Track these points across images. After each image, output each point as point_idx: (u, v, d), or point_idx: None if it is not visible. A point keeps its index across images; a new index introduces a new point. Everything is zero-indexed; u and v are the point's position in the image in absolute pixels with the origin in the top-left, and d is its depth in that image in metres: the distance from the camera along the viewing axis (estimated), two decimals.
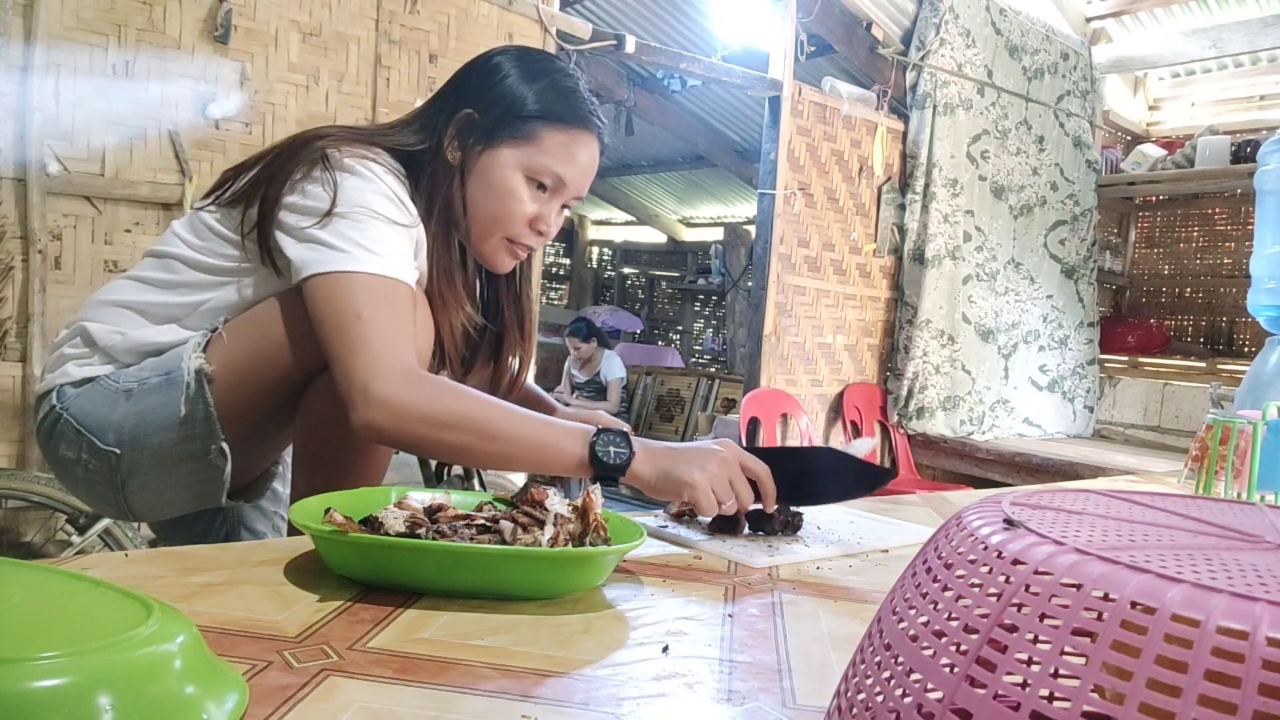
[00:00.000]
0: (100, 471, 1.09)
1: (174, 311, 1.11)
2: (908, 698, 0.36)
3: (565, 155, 1.12)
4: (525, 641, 0.65)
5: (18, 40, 2.16)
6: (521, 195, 1.11)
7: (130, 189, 2.32)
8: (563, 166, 1.12)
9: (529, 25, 3.06)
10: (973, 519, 0.40)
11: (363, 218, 1.01)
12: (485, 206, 1.12)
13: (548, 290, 9.45)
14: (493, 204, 1.12)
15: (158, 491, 1.11)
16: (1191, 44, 4.38)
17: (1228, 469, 1.53)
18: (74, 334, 1.13)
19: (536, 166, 1.11)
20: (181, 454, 1.07)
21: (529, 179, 1.12)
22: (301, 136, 1.08)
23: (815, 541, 1.04)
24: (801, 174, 3.95)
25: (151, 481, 1.09)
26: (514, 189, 1.11)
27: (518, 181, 1.11)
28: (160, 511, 1.17)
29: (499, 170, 1.11)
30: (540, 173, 1.11)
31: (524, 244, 1.16)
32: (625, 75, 5.78)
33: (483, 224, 1.14)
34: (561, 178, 1.12)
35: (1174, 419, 4.46)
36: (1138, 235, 5.30)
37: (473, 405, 0.95)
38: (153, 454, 1.07)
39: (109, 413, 1.07)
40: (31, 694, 0.39)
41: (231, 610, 0.66)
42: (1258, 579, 0.33)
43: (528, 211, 1.12)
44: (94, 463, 1.09)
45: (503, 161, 1.11)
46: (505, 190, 1.11)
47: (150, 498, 1.12)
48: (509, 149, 1.11)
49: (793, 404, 3.98)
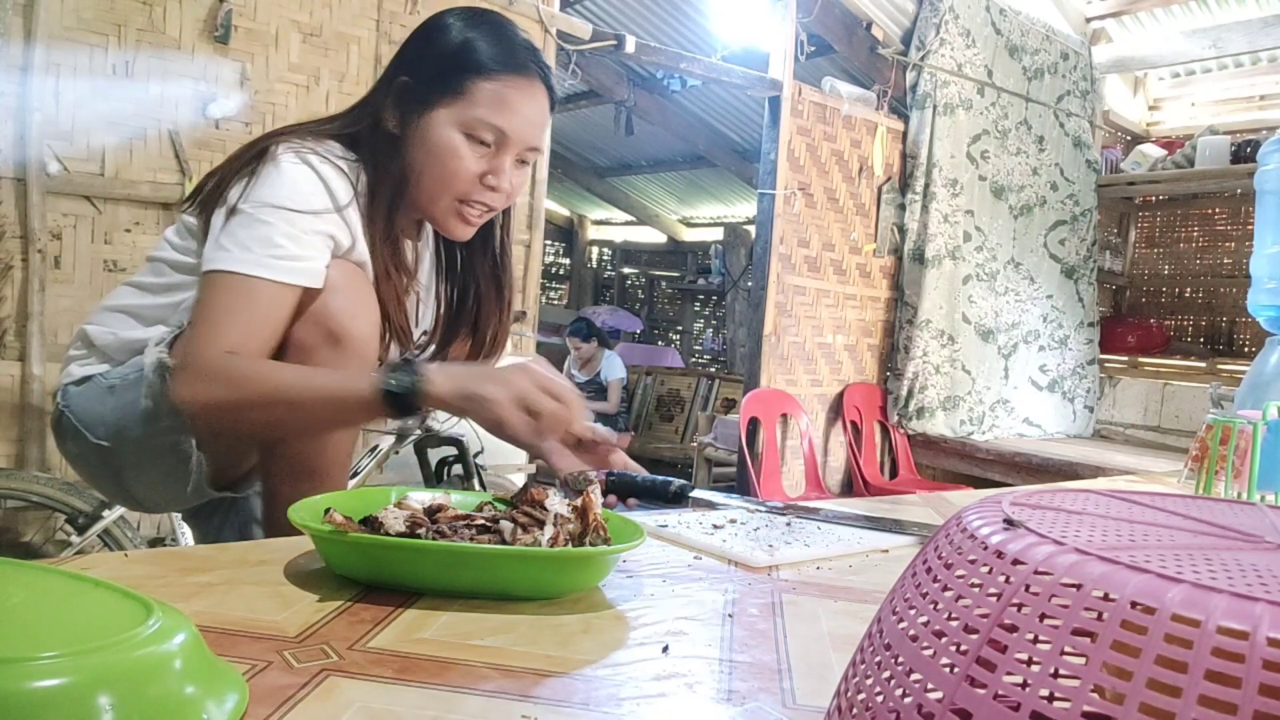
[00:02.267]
0: (99, 464, 1.15)
1: (161, 312, 1.14)
2: (908, 698, 0.36)
3: (500, 105, 1.08)
4: (525, 641, 0.65)
5: (18, 40, 2.16)
6: (462, 153, 1.08)
7: (130, 189, 2.32)
8: (499, 117, 1.08)
9: (529, 25, 3.06)
10: (973, 519, 0.40)
11: (259, 215, 1.02)
12: (428, 171, 1.10)
13: (547, 290, 9.45)
14: (434, 167, 1.09)
15: (150, 483, 1.15)
16: (1191, 44, 4.38)
17: (1228, 469, 1.53)
18: (77, 337, 1.20)
19: (471, 121, 1.08)
20: (158, 446, 1.10)
21: (468, 136, 1.08)
22: (263, 136, 1.11)
23: (815, 541, 1.04)
24: (801, 174, 3.95)
25: (142, 473, 1.13)
26: (453, 147, 1.08)
27: (456, 140, 1.08)
28: (164, 502, 1.20)
29: (435, 131, 1.08)
30: (476, 127, 1.08)
31: (478, 203, 1.12)
32: (625, 75, 5.77)
33: (428, 189, 1.11)
34: (501, 129, 1.08)
35: (1174, 419, 4.46)
36: (1138, 235, 5.30)
37: (269, 381, 0.97)
38: (135, 446, 1.11)
39: (99, 408, 1.12)
40: (31, 694, 0.39)
41: (231, 610, 0.66)
42: (1258, 579, 0.33)
43: (471, 169, 1.09)
44: (93, 456, 1.14)
45: (438, 122, 1.08)
46: (445, 150, 1.08)
47: (147, 488, 1.16)
48: (443, 108, 1.08)
49: (793, 404, 3.98)
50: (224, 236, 1.02)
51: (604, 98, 5.93)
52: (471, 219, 1.14)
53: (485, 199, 1.12)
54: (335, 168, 1.08)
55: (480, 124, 1.08)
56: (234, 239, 1.01)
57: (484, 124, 1.08)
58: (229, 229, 1.02)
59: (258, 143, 1.09)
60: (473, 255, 1.28)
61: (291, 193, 1.03)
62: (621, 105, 5.89)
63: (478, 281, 1.28)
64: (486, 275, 1.28)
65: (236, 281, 1.00)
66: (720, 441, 5.03)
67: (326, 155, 1.08)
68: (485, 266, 1.28)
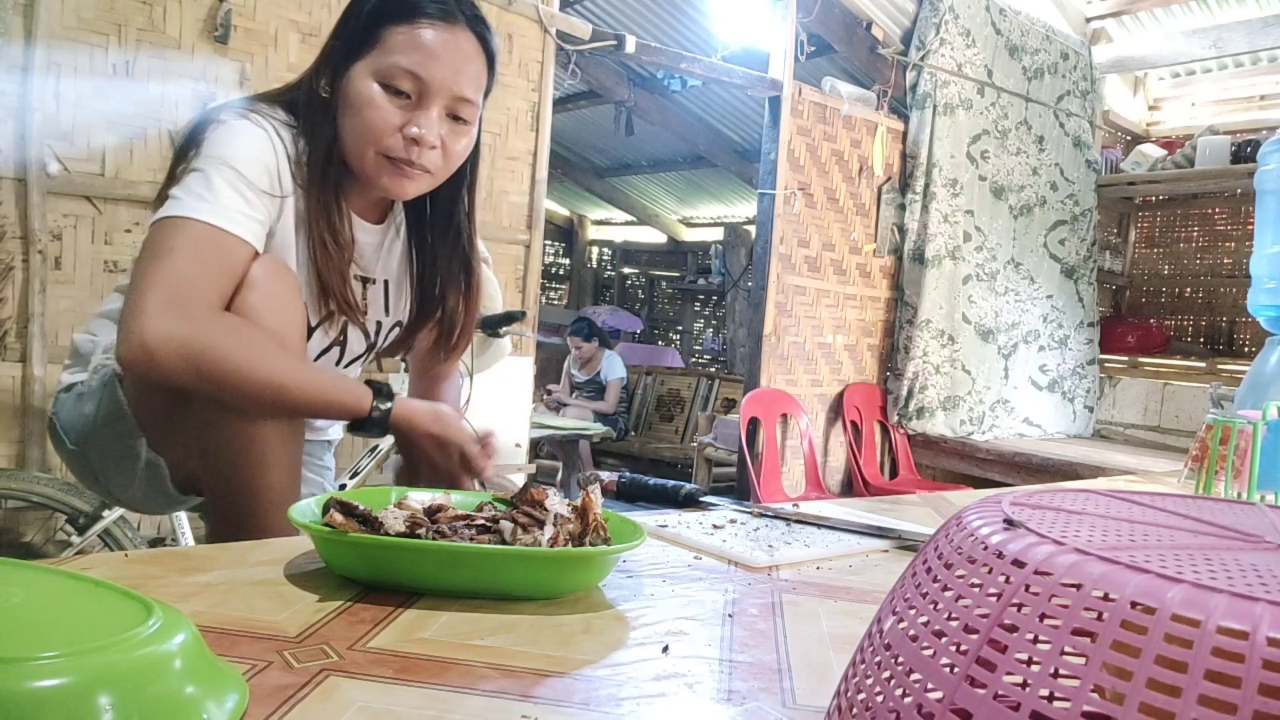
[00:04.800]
0: (80, 469, 1.17)
1: None
2: (908, 698, 0.36)
3: (413, 49, 1.02)
4: (525, 641, 0.65)
5: (18, 40, 2.16)
6: (378, 103, 1.03)
7: (130, 189, 2.32)
8: (414, 62, 1.02)
9: (528, 25, 3.06)
10: (973, 519, 0.40)
11: (210, 168, 0.99)
12: (349, 128, 1.06)
13: (547, 290, 9.45)
14: (354, 121, 1.05)
15: (122, 486, 1.14)
16: (1191, 44, 4.38)
17: (1228, 469, 1.53)
18: (71, 346, 1.20)
19: (385, 68, 1.03)
20: (119, 451, 1.09)
21: (384, 86, 1.03)
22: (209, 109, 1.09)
23: (815, 542, 1.04)
24: (801, 174, 3.95)
25: (116, 477, 1.13)
26: (369, 98, 1.03)
27: (372, 90, 1.03)
28: (150, 505, 1.20)
29: (353, 84, 1.04)
30: (391, 74, 1.03)
31: (403, 159, 1.05)
32: (625, 75, 5.77)
33: (353, 144, 1.06)
34: (416, 74, 1.02)
35: (1174, 419, 4.46)
36: (1138, 235, 5.30)
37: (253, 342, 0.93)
38: (99, 451, 1.11)
39: (73, 416, 1.13)
40: (31, 694, 0.39)
41: (231, 610, 0.66)
42: (1258, 579, 0.33)
43: (390, 120, 1.03)
44: (74, 462, 1.16)
45: (356, 75, 1.04)
46: (362, 102, 1.03)
47: (129, 492, 1.15)
48: (360, 62, 1.04)
49: (793, 404, 3.98)
50: (176, 190, 0.99)
51: (604, 98, 5.93)
52: (407, 173, 1.07)
53: (411, 155, 1.05)
54: (280, 125, 1.06)
55: (396, 70, 1.02)
56: (187, 189, 0.98)
57: (399, 70, 1.02)
58: (183, 184, 0.99)
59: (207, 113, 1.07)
60: (435, 238, 1.23)
61: (241, 148, 1.01)
62: (621, 105, 5.89)
63: (441, 265, 1.23)
64: (452, 259, 1.22)
65: (193, 227, 0.96)
66: (720, 441, 5.04)
67: (270, 117, 1.06)
68: (449, 249, 1.22)
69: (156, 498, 1.15)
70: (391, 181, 1.07)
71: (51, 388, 2.25)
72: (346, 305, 1.11)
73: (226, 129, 1.02)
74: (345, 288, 1.10)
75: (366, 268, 1.19)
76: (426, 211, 1.22)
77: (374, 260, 1.20)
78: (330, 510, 0.75)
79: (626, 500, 1.08)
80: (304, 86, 1.10)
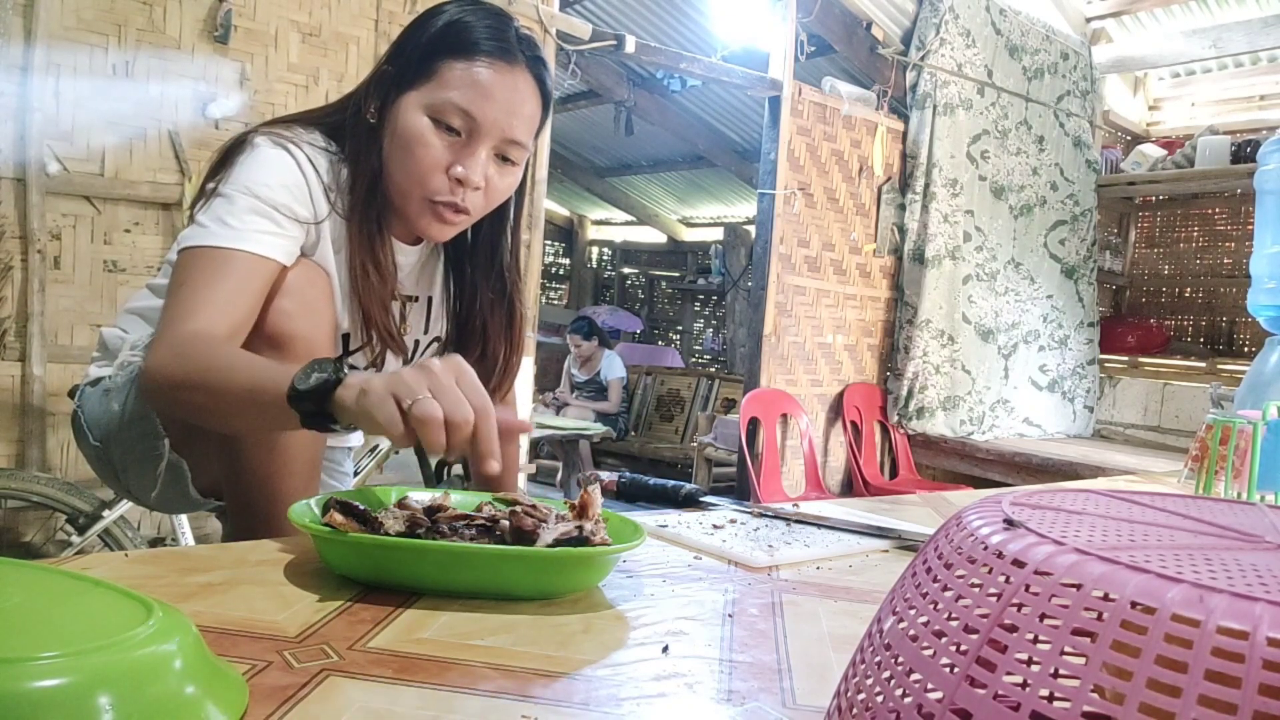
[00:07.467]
0: (102, 465, 1.16)
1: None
2: (908, 698, 0.36)
3: (469, 86, 0.99)
4: (525, 641, 0.65)
5: (18, 40, 2.16)
6: (428, 139, 1.00)
7: (130, 189, 2.33)
8: (468, 100, 0.99)
9: (528, 25, 3.06)
10: (973, 519, 0.40)
11: (232, 194, 0.98)
12: (396, 160, 1.03)
13: (547, 290, 9.45)
14: (401, 155, 1.02)
15: (143, 486, 1.14)
16: (1191, 44, 4.38)
17: (1228, 469, 1.53)
18: (99, 339, 1.20)
19: (438, 103, 0.99)
20: (142, 451, 1.09)
21: (435, 121, 1.00)
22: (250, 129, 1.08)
23: (815, 542, 1.04)
24: (801, 174, 3.95)
25: (137, 476, 1.12)
26: (419, 133, 1.00)
27: (422, 125, 1.00)
28: (167, 506, 1.20)
29: (403, 116, 1.01)
30: (443, 110, 0.99)
31: (448, 202, 1.02)
32: (625, 75, 5.78)
33: (400, 183, 1.03)
34: (469, 112, 0.99)
35: (1174, 419, 4.46)
36: (1138, 235, 5.30)
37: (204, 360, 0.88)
38: (122, 450, 1.10)
39: (98, 410, 1.12)
40: (31, 694, 0.39)
41: (231, 610, 0.66)
42: (1258, 579, 0.33)
43: (438, 159, 1.00)
44: (96, 457, 1.15)
45: (407, 107, 1.01)
46: (411, 137, 1.00)
47: (149, 491, 1.15)
48: (413, 92, 1.01)
49: (793, 404, 3.98)
50: (200, 216, 0.99)
51: (604, 98, 5.93)
52: (447, 218, 1.04)
53: (455, 198, 1.02)
54: (315, 150, 1.05)
55: (448, 107, 0.99)
56: (209, 215, 0.98)
57: (452, 107, 0.99)
58: (206, 210, 0.99)
59: (242, 134, 1.06)
60: (476, 273, 1.20)
61: (266, 175, 1.00)
62: (621, 105, 5.89)
63: (483, 302, 1.20)
64: (493, 297, 1.20)
65: (210, 255, 0.95)
66: (720, 441, 5.04)
67: (305, 142, 1.05)
68: (490, 287, 1.19)
69: (175, 499, 1.14)
70: (430, 226, 1.06)
71: (51, 388, 2.26)
72: (387, 334, 1.09)
73: (256, 156, 1.01)
74: (387, 318, 1.09)
75: (408, 287, 1.18)
76: (467, 239, 1.20)
77: (414, 279, 1.19)
78: (330, 510, 0.75)
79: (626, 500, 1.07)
80: (351, 109, 1.08)
